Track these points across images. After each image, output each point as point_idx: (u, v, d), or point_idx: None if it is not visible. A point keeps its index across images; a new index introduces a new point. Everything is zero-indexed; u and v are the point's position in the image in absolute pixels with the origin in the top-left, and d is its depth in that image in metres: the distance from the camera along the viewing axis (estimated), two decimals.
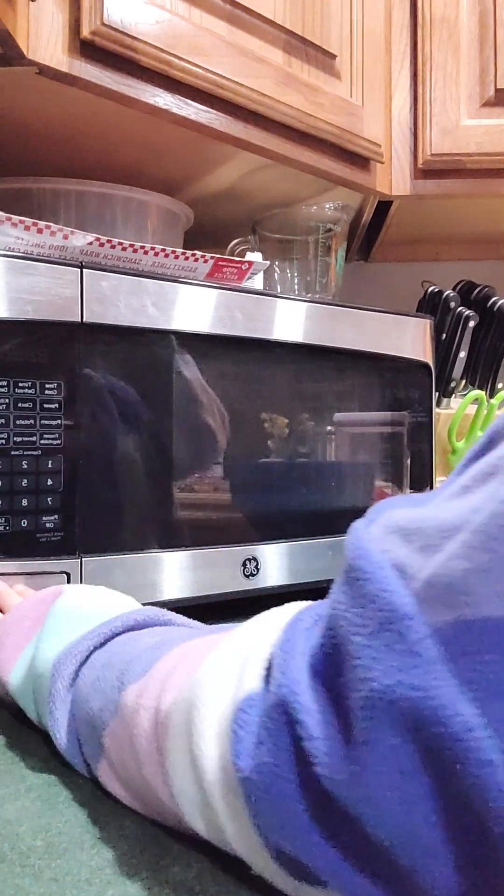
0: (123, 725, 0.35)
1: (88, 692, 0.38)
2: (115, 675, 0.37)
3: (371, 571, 0.25)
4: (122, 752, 0.35)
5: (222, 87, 0.78)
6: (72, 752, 0.40)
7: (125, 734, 0.35)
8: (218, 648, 0.32)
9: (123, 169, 0.93)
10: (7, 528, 0.60)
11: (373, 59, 0.97)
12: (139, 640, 0.40)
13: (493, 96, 0.99)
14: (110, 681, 0.37)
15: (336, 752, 0.24)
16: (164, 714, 0.32)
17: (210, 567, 0.73)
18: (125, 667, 0.37)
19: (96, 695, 0.38)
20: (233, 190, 1.02)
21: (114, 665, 0.38)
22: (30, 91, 0.73)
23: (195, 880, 0.31)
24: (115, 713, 0.36)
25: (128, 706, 0.35)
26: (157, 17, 0.72)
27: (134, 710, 0.34)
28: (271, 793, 0.26)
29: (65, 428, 0.63)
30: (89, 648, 0.41)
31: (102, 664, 0.39)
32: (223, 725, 0.29)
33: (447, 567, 0.23)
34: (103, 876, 0.31)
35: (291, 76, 0.85)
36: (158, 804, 0.34)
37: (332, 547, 0.82)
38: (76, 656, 0.41)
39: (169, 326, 0.69)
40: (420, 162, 1.00)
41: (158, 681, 0.34)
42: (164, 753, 0.32)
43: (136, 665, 0.36)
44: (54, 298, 0.62)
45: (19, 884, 0.31)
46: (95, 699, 0.37)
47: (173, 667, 0.34)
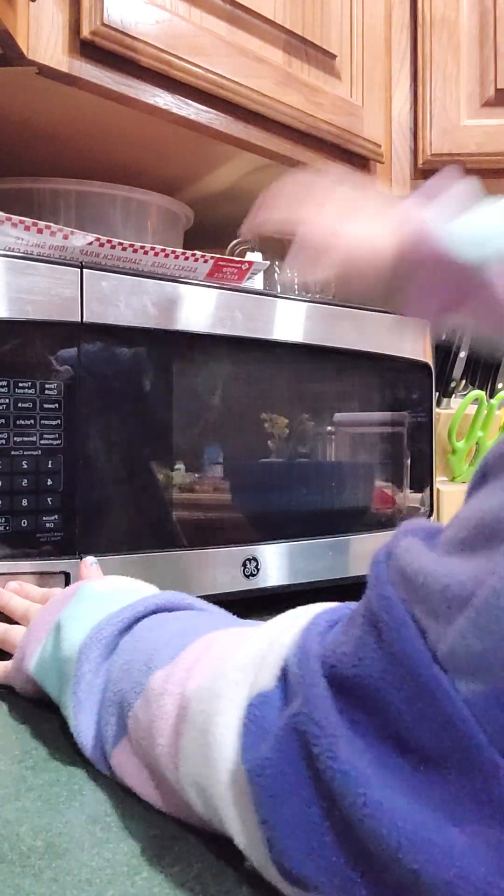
0: (147, 707, 0.36)
1: (118, 675, 0.39)
2: (143, 659, 0.38)
3: (396, 629, 0.26)
4: (141, 730, 0.36)
5: (222, 87, 0.78)
6: (86, 734, 0.41)
7: (147, 715, 0.36)
8: (244, 647, 0.34)
9: (123, 169, 0.93)
10: (7, 528, 0.60)
11: (373, 59, 0.97)
12: (165, 625, 0.41)
13: (493, 96, 0.99)
14: (138, 664, 0.38)
15: (350, 768, 0.25)
16: (187, 699, 0.33)
17: (210, 567, 0.73)
18: (153, 652, 0.38)
19: (125, 677, 0.39)
20: (233, 190, 1.02)
21: (142, 650, 0.39)
22: (30, 91, 0.73)
23: (195, 880, 0.31)
24: (140, 694, 0.37)
25: (154, 689, 0.36)
26: (157, 17, 0.72)
27: (160, 694, 0.35)
28: (276, 784, 0.27)
29: (65, 428, 0.63)
30: (114, 633, 0.42)
31: (131, 649, 0.40)
32: (237, 718, 0.30)
33: (463, 646, 0.24)
34: (103, 876, 0.31)
35: (291, 76, 0.85)
36: (165, 784, 0.35)
37: (332, 547, 0.82)
38: (102, 640, 0.42)
39: (169, 327, 0.69)
40: (420, 162, 1.00)
41: (184, 668, 0.35)
42: (180, 734, 0.33)
43: (164, 651, 0.37)
44: (54, 298, 0.62)
45: (19, 884, 0.31)
46: (125, 681, 0.38)
47: (198, 657, 0.35)
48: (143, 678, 0.37)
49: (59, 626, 0.45)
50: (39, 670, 0.46)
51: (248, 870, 0.32)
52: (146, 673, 0.37)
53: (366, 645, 0.27)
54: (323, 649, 0.29)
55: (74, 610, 0.45)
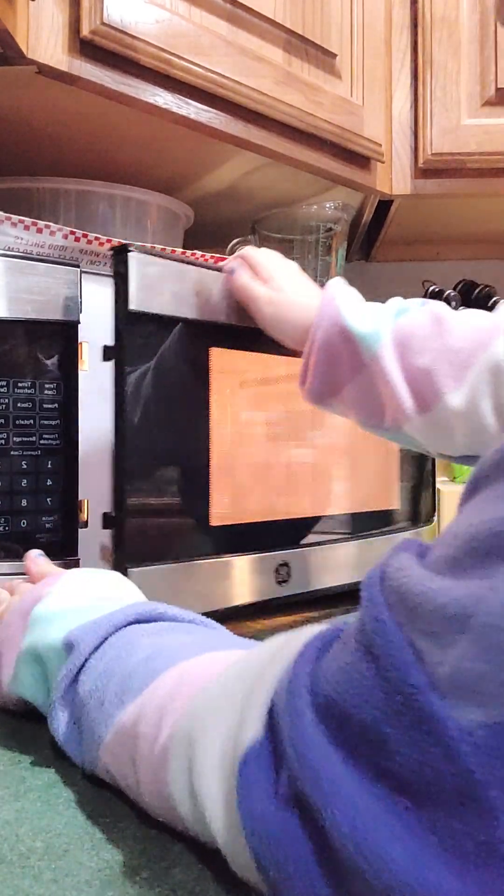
0: (122, 746, 0.35)
1: (88, 701, 0.39)
2: (112, 689, 0.37)
3: (391, 653, 0.24)
4: (121, 767, 0.36)
5: (222, 86, 0.78)
6: (77, 755, 0.40)
7: (124, 754, 0.35)
8: (218, 679, 0.32)
9: (123, 169, 0.93)
10: (7, 528, 0.60)
11: (373, 59, 0.97)
12: (134, 645, 0.40)
13: (494, 96, 0.99)
14: (108, 694, 0.37)
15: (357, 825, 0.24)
16: (163, 746, 0.32)
17: (247, 574, 0.73)
18: (122, 681, 0.37)
19: (95, 706, 0.38)
20: (233, 189, 1.02)
21: (112, 674, 0.38)
22: (30, 91, 0.73)
23: (195, 882, 0.31)
24: (112, 730, 0.36)
25: (126, 728, 0.35)
26: (157, 16, 0.72)
27: (132, 735, 0.34)
28: (278, 851, 0.26)
29: (64, 428, 0.63)
30: (81, 656, 0.41)
31: (99, 673, 0.39)
32: (225, 769, 0.29)
33: (465, 669, 0.23)
34: (103, 877, 0.31)
35: (291, 75, 0.85)
36: (159, 815, 0.34)
37: (358, 549, 0.82)
38: (71, 664, 0.41)
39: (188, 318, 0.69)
40: (420, 161, 1.00)
41: (155, 706, 0.34)
42: (167, 783, 0.32)
43: (132, 681, 0.37)
44: (54, 298, 0.62)
45: (19, 885, 0.31)
46: (94, 710, 0.38)
47: (170, 694, 0.34)
48: (114, 711, 0.36)
49: (24, 657, 0.45)
50: (19, 691, 0.46)
51: None
52: (118, 706, 0.36)
53: (359, 672, 0.25)
54: (312, 680, 0.27)
55: (35, 638, 0.44)
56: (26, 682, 0.45)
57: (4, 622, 0.49)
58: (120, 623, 0.42)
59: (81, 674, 0.40)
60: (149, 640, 0.40)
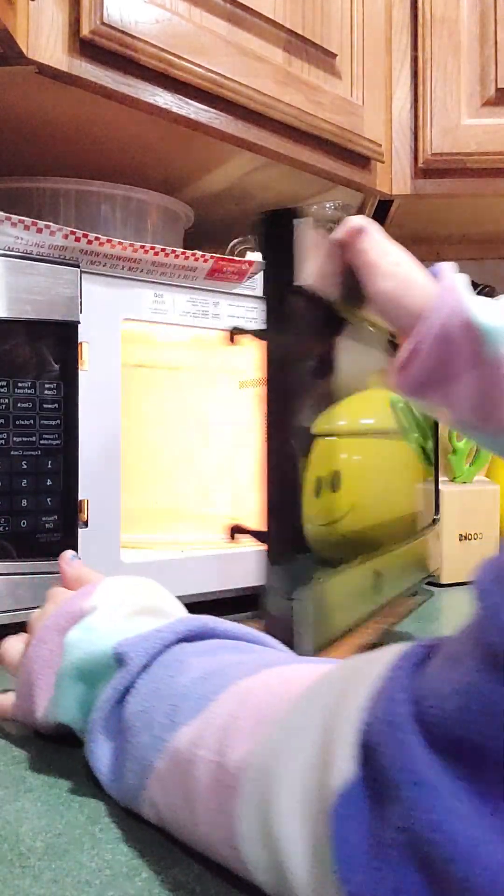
0: (176, 772, 0.32)
1: (134, 723, 0.36)
2: (163, 709, 0.34)
3: None
4: (172, 797, 0.33)
5: (222, 86, 0.78)
6: (116, 787, 0.37)
7: (177, 782, 0.32)
8: (295, 708, 0.28)
9: (123, 169, 0.93)
10: (7, 528, 0.60)
11: (373, 59, 0.97)
12: (185, 664, 0.37)
13: (494, 95, 0.98)
14: (159, 716, 0.34)
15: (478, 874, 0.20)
16: (232, 775, 0.29)
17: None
18: (175, 702, 0.34)
19: (143, 729, 0.35)
20: (233, 189, 1.02)
21: (161, 695, 0.35)
22: (30, 91, 0.73)
23: (195, 882, 0.31)
24: (164, 755, 0.33)
25: (181, 752, 0.32)
26: (156, 16, 0.72)
27: (189, 760, 0.31)
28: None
29: (64, 428, 0.63)
30: (131, 672, 0.37)
31: (148, 693, 0.36)
32: (310, 812, 0.25)
33: None
34: (103, 877, 0.31)
35: (292, 75, 0.85)
36: (212, 851, 0.32)
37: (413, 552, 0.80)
38: (117, 682, 0.38)
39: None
40: (420, 161, 1.00)
41: (216, 728, 0.31)
42: (233, 818, 0.29)
43: (186, 702, 0.34)
44: (54, 298, 0.62)
45: (19, 885, 0.31)
46: (143, 734, 0.35)
47: (233, 715, 0.31)
48: (165, 734, 0.33)
49: (66, 676, 0.41)
50: (59, 717, 0.42)
51: None
52: (169, 729, 0.33)
53: (482, 694, 0.21)
54: (417, 706, 0.23)
55: (79, 654, 0.40)
56: (67, 704, 0.41)
57: (38, 638, 0.44)
58: (169, 640, 0.39)
59: (128, 694, 0.37)
60: (200, 659, 0.37)
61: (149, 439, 1.14)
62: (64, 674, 0.41)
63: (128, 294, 0.70)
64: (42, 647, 0.43)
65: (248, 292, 0.83)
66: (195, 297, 0.75)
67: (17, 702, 0.45)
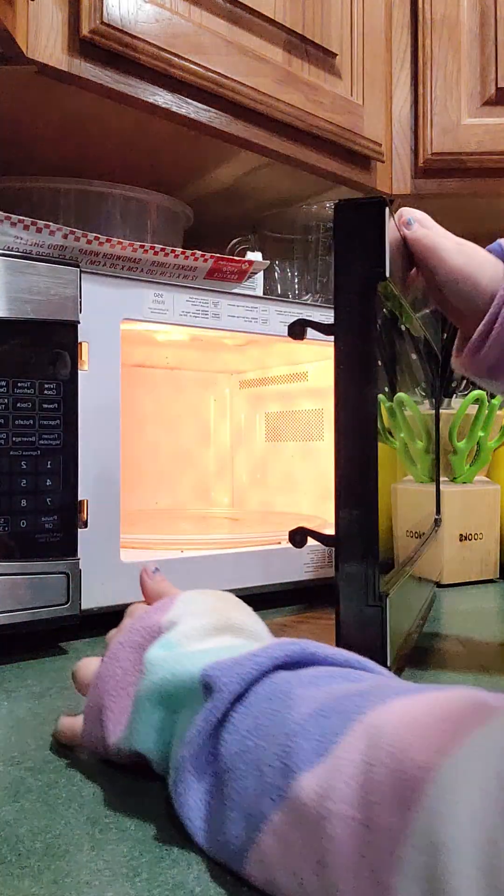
0: (300, 828, 0.28)
1: (235, 765, 0.31)
2: (274, 751, 0.30)
3: None
4: (294, 857, 0.28)
5: (222, 85, 0.78)
6: (212, 840, 0.32)
7: (304, 840, 0.27)
8: (459, 753, 0.24)
9: (123, 168, 0.93)
10: (6, 528, 0.60)
11: (373, 58, 0.97)
12: (292, 697, 0.32)
13: (494, 95, 0.98)
14: (269, 758, 0.30)
15: None
16: (387, 840, 0.24)
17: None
18: (287, 742, 0.30)
19: (249, 773, 0.31)
20: (233, 189, 1.02)
21: (267, 733, 0.31)
22: (29, 90, 0.73)
23: (195, 882, 0.31)
24: (280, 806, 0.29)
25: (305, 804, 0.27)
26: (156, 15, 0.72)
27: (319, 815, 0.27)
28: None
29: (64, 428, 0.63)
30: (224, 702, 0.33)
31: (250, 729, 0.32)
32: (497, 888, 0.22)
33: None
34: (103, 878, 0.31)
35: (292, 75, 0.85)
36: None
37: None
38: (208, 714, 0.33)
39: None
40: (421, 161, 1.00)
41: (349, 777, 0.27)
42: (391, 891, 0.24)
43: (303, 743, 0.29)
44: (54, 298, 0.62)
45: (19, 885, 0.31)
46: (248, 778, 0.30)
47: (368, 761, 0.26)
48: (280, 781, 0.29)
49: (143, 701, 0.36)
50: (135, 745, 0.37)
51: None
52: (285, 774, 0.29)
53: None
54: None
55: (159, 677, 0.36)
56: (145, 731, 0.36)
57: (110, 655, 0.40)
58: (266, 666, 0.34)
59: (223, 730, 0.33)
60: (307, 690, 0.32)
61: (149, 439, 1.14)
62: (143, 696, 0.36)
63: (128, 294, 0.70)
64: (114, 664, 0.39)
65: (248, 292, 0.83)
66: (195, 297, 0.75)
67: (85, 726, 0.40)
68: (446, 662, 0.62)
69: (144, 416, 1.13)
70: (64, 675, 0.59)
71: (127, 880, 0.31)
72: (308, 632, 0.69)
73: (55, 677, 0.58)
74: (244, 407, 1.19)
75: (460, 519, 0.97)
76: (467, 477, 0.99)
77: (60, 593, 0.62)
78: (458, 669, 0.60)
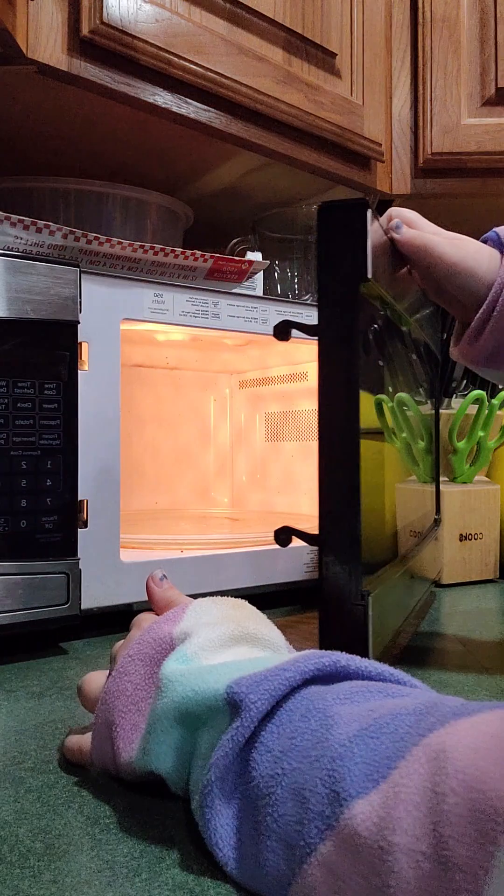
0: (356, 862, 0.25)
1: (272, 790, 0.29)
2: (318, 775, 0.27)
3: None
4: (345, 889, 0.26)
5: (222, 85, 0.78)
6: (247, 870, 0.30)
7: (361, 874, 0.25)
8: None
9: (123, 168, 0.93)
10: (6, 528, 0.60)
11: (373, 58, 0.97)
12: (328, 715, 0.30)
13: (494, 95, 0.98)
14: (313, 783, 0.27)
15: None
16: (468, 880, 0.22)
17: None
18: (333, 766, 0.27)
19: (288, 798, 0.28)
20: (233, 189, 1.02)
21: (307, 755, 0.29)
22: (29, 90, 0.73)
23: (195, 882, 0.31)
24: (330, 836, 0.26)
25: (361, 836, 0.25)
26: (156, 15, 0.72)
27: (380, 848, 0.24)
28: None
29: (64, 428, 0.63)
30: (252, 720, 0.31)
31: (284, 750, 0.30)
32: None
33: None
34: (102, 878, 0.31)
35: (291, 75, 0.85)
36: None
37: None
38: (235, 733, 0.31)
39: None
40: (420, 161, 1.00)
41: (414, 806, 0.24)
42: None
43: (351, 765, 0.27)
44: (54, 298, 0.62)
45: (18, 885, 0.31)
46: (287, 804, 0.28)
47: (437, 790, 0.24)
48: (327, 809, 0.26)
49: (161, 720, 0.34)
50: (152, 766, 0.35)
51: None
52: (333, 802, 0.26)
53: None
54: None
55: (179, 695, 0.33)
56: (162, 752, 0.34)
57: (119, 670, 0.38)
58: (294, 680, 0.32)
59: (253, 751, 0.31)
60: (346, 707, 0.30)
61: (149, 439, 1.14)
62: (161, 716, 0.34)
63: (127, 294, 0.70)
64: (124, 680, 0.38)
65: (247, 292, 0.83)
66: (195, 297, 0.75)
67: (94, 744, 0.39)
68: (446, 662, 0.62)
69: (144, 416, 1.13)
70: (64, 675, 0.59)
71: (127, 880, 0.31)
72: (308, 632, 0.69)
73: (55, 677, 0.58)
74: (244, 407, 1.19)
75: (460, 519, 0.97)
76: (467, 477, 0.99)
77: (60, 593, 0.62)
78: (458, 669, 0.60)
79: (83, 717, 0.49)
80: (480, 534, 0.98)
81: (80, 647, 0.67)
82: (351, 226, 0.49)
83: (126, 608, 0.69)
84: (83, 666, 0.61)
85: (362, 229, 0.48)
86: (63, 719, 0.49)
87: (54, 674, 0.59)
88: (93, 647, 0.67)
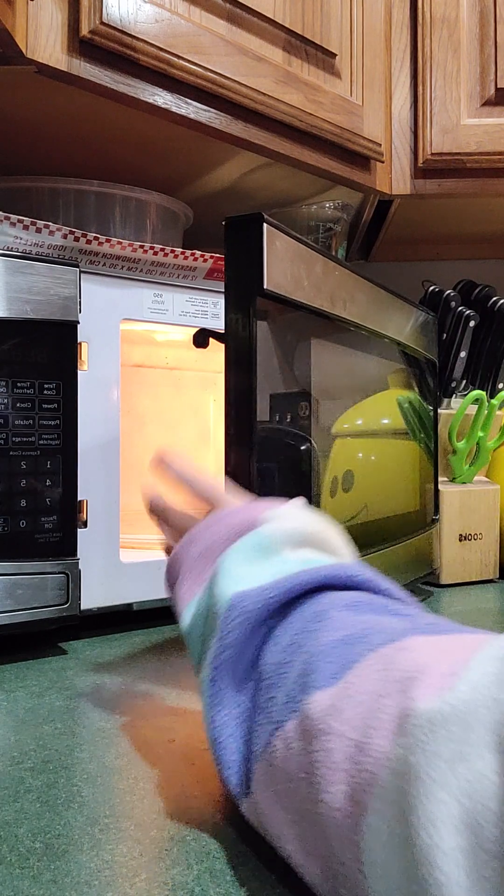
0: (304, 737, 0.29)
1: (272, 676, 0.33)
2: (300, 666, 0.32)
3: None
4: (293, 762, 0.30)
5: (222, 85, 0.78)
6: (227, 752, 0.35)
7: (304, 748, 0.29)
8: (451, 693, 0.25)
9: (123, 168, 0.93)
10: (6, 528, 0.60)
11: (373, 58, 0.97)
12: (327, 617, 0.34)
13: (494, 95, 0.98)
14: (294, 671, 0.32)
15: None
16: (372, 764, 0.26)
17: None
18: (310, 660, 0.31)
19: (277, 682, 0.33)
20: (233, 189, 1.02)
21: (301, 651, 0.33)
22: (29, 90, 0.73)
23: (195, 882, 0.31)
24: (294, 716, 0.30)
25: (312, 719, 0.29)
26: (156, 15, 0.72)
27: (321, 730, 0.28)
28: None
29: (64, 428, 0.63)
30: (263, 613, 0.35)
31: (287, 644, 0.34)
32: (473, 823, 0.22)
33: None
34: (102, 878, 0.31)
35: (291, 75, 0.85)
36: (317, 833, 0.28)
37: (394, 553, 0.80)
38: (248, 617, 0.35)
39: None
40: (420, 161, 1.00)
41: (357, 703, 0.28)
42: (365, 810, 0.25)
43: (323, 663, 0.31)
44: (53, 298, 0.62)
45: (18, 885, 0.31)
46: (280, 688, 0.32)
47: (376, 692, 0.27)
48: (298, 694, 0.31)
49: (214, 581, 0.38)
50: (191, 630, 0.40)
51: (247, 872, 0.32)
52: (303, 689, 0.31)
53: None
54: None
55: (234, 560, 0.38)
56: (195, 625, 0.40)
57: (207, 522, 0.42)
58: (307, 583, 0.36)
59: (266, 643, 0.35)
60: (344, 614, 0.34)
61: (149, 439, 1.14)
62: (204, 595, 0.39)
63: (127, 294, 0.70)
64: (205, 533, 0.42)
65: None
66: (194, 297, 0.75)
67: (168, 570, 0.44)
68: None
69: (144, 416, 1.13)
70: (64, 675, 0.59)
71: (126, 880, 0.31)
72: None
73: (55, 677, 0.58)
74: None
75: (460, 519, 0.97)
76: (467, 477, 0.99)
77: (60, 593, 0.62)
78: None
79: (83, 718, 0.49)
80: (480, 534, 0.98)
81: (79, 647, 0.67)
82: (248, 240, 0.52)
83: (126, 608, 0.69)
84: (83, 666, 0.61)
85: (259, 242, 0.51)
86: (63, 719, 0.49)
87: (54, 674, 0.59)
88: (92, 647, 0.67)
